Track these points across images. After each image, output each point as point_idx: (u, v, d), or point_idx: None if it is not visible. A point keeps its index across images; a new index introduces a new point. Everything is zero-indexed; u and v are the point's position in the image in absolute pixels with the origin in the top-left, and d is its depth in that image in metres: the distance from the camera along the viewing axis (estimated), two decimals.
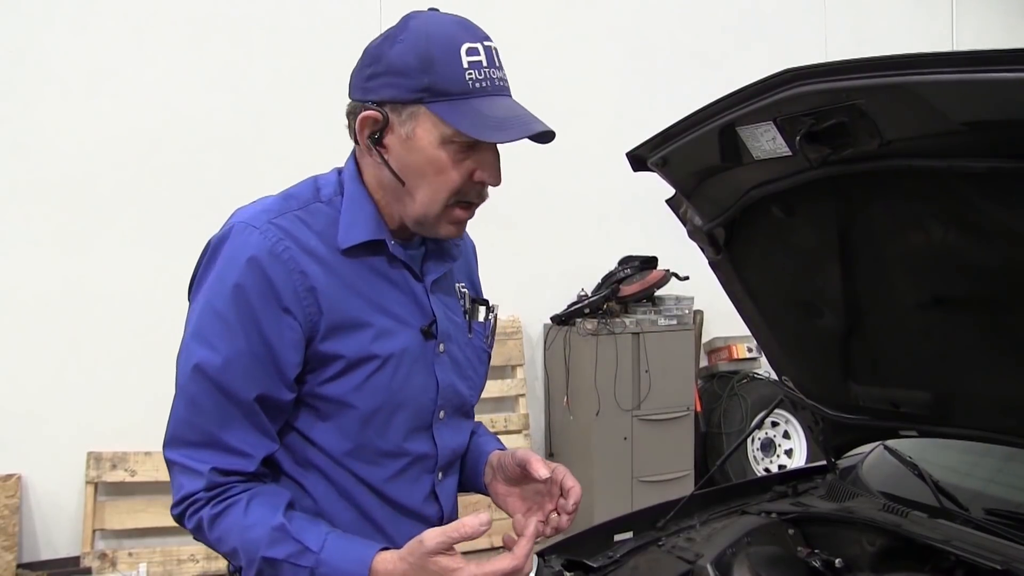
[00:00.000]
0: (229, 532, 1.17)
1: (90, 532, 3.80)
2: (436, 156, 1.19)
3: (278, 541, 1.16)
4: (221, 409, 1.18)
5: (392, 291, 1.29)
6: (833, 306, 1.69)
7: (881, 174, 1.33)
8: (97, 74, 3.89)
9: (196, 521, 1.20)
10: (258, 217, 1.22)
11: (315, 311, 1.20)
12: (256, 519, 1.17)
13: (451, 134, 1.18)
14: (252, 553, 1.16)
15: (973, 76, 1.06)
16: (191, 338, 1.21)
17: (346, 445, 1.26)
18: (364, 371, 1.24)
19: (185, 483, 1.19)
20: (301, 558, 1.15)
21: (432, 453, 1.34)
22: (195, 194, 4.06)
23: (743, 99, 1.36)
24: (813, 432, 2.03)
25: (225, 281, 1.18)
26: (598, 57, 5.01)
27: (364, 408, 1.24)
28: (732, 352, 5.19)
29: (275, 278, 1.18)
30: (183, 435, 1.20)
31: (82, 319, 3.89)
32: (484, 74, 1.18)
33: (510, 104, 1.21)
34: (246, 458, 1.20)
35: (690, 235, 1.79)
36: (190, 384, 1.19)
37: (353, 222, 1.26)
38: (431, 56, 1.16)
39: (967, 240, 1.36)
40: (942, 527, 1.64)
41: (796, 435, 4.95)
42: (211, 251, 1.23)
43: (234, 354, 1.17)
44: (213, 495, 1.18)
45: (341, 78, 1.33)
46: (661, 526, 1.90)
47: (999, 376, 1.53)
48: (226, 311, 1.18)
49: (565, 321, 4.60)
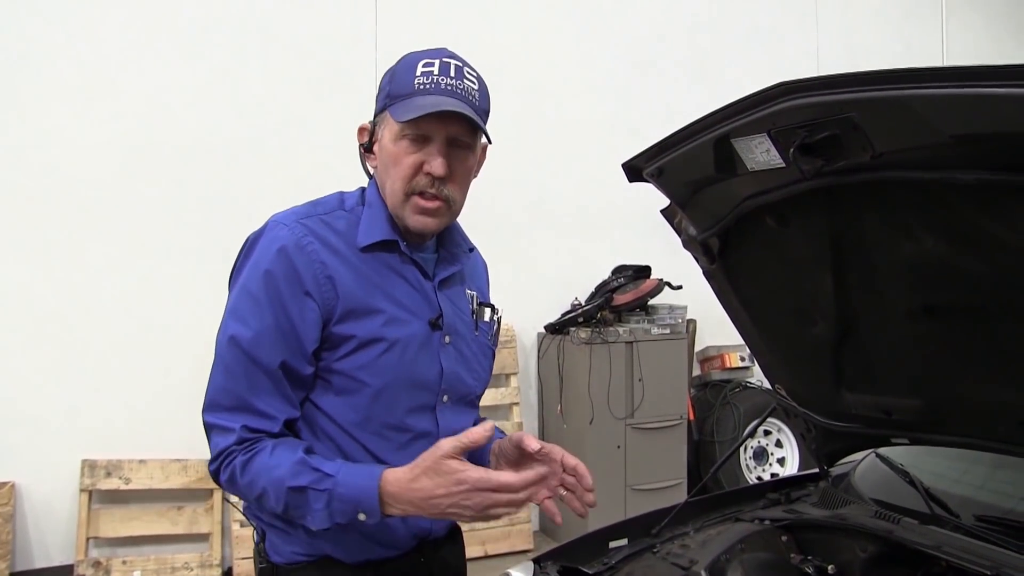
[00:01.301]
0: (258, 474, 1.34)
1: (84, 540, 3.79)
2: (393, 151, 1.42)
3: (300, 472, 1.32)
4: (251, 376, 1.37)
5: (403, 285, 1.47)
6: (826, 315, 1.71)
7: (873, 185, 1.35)
8: (91, 80, 3.90)
9: (230, 471, 1.36)
10: (288, 217, 1.43)
11: (332, 296, 1.39)
12: (280, 459, 1.34)
13: (399, 129, 1.39)
14: (279, 487, 1.33)
15: (964, 91, 1.09)
16: (228, 315, 1.40)
17: (355, 417, 1.42)
18: (374, 351, 1.41)
19: (220, 441, 1.37)
20: (321, 483, 1.32)
21: (433, 431, 1.49)
22: (190, 202, 4.08)
23: (738, 111, 1.38)
24: (806, 440, 2.04)
25: (259, 267, 1.38)
26: (592, 68, 5.04)
27: (373, 384, 1.41)
28: (725, 361, 5.21)
29: (299, 266, 1.37)
30: (219, 400, 1.38)
31: (76, 326, 3.90)
32: (432, 79, 1.39)
33: (442, 98, 1.38)
34: (271, 420, 1.38)
35: (684, 245, 1.81)
36: (226, 354, 1.38)
37: (372, 224, 1.46)
38: (395, 71, 1.43)
39: (957, 250, 1.38)
40: (933, 533, 1.66)
41: (788, 443, 4.97)
42: (249, 245, 1.44)
43: (263, 328, 1.36)
44: (243, 447, 1.36)
45: (336, 86, 1.46)
46: (656, 533, 1.92)
47: (989, 384, 1.56)
48: (258, 292, 1.37)
49: (559, 330, 4.61)
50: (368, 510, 1.31)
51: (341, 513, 1.32)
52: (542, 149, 4.68)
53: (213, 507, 4.00)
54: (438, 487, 1.27)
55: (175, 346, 4.00)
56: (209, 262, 4.00)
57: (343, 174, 1.52)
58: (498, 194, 4.19)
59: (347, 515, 1.32)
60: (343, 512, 1.32)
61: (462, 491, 1.26)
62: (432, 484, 1.28)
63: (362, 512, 1.32)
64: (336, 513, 1.32)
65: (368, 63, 4.18)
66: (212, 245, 3.99)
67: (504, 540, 4.38)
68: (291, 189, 1.55)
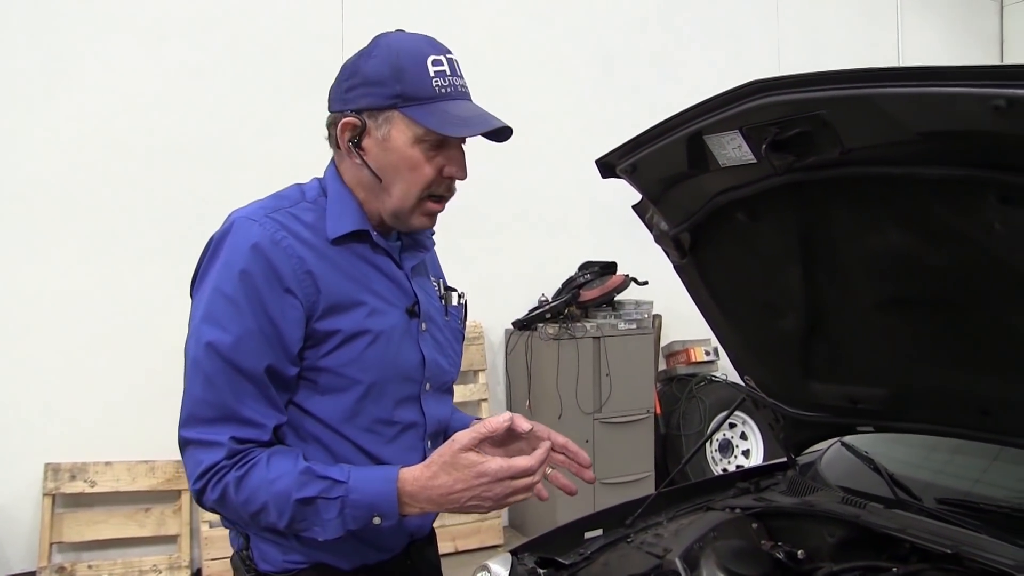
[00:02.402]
0: (257, 489, 1.27)
1: (47, 546, 3.71)
2: (409, 154, 1.35)
3: (307, 483, 1.28)
4: (234, 384, 1.29)
5: (377, 275, 1.43)
6: (794, 307, 1.75)
7: (842, 180, 1.40)
8: (57, 79, 3.83)
9: (221, 489, 1.28)
10: (256, 213, 1.35)
11: (313, 291, 1.33)
12: (280, 471, 1.28)
13: (422, 133, 1.34)
14: (283, 501, 1.27)
15: (930, 90, 1.13)
16: (202, 321, 1.30)
17: (344, 415, 1.37)
18: (359, 345, 1.36)
19: (204, 457, 1.28)
20: (332, 491, 1.28)
21: (421, 421, 1.47)
22: (155, 203, 4.03)
23: (711, 109, 1.42)
24: (774, 429, 2.09)
25: (232, 268, 1.29)
26: (560, 65, 5.07)
27: (361, 379, 1.37)
28: (690, 355, 5.27)
29: (277, 263, 1.30)
30: (200, 414, 1.29)
31: (38, 327, 3.83)
32: (448, 81, 1.35)
33: (471, 106, 1.38)
34: (260, 428, 1.31)
35: (656, 240, 1.84)
36: (204, 363, 1.29)
37: (340, 215, 1.40)
38: (402, 67, 1.34)
39: (921, 243, 1.43)
40: (898, 516, 1.72)
41: (753, 436, 5.05)
42: (214, 245, 1.35)
43: (244, 332, 1.28)
44: (235, 461, 1.28)
45: (303, 85, 1.43)
46: (630, 523, 1.95)
47: (952, 373, 1.61)
48: (234, 294, 1.29)
49: (526, 326, 4.64)
50: (385, 513, 1.29)
51: (355, 520, 1.29)
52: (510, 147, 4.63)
53: (181, 508, 3.96)
54: (457, 482, 1.26)
55: (140, 346, 3.95)
56: (174, 262, 3.95)
57: (313, 172, 1.49)
58: (464, 191, 4.16)
59: (361, 521, 1.29)
60: (357, 519, 1.29)
61: (483, 483, 1.26)
62: (451, 479, 1.26)
63: (378, 516, 1.29)
64: (350, 520, 1.28)
65: (335, 61, 4.14)
66: (177, 245, 3.95)
67: (474, 536, 4.39)
68: (259, 187, 1.52)
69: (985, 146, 1.16)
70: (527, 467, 1.27)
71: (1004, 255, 1.31)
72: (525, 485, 1.28)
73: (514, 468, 1.26)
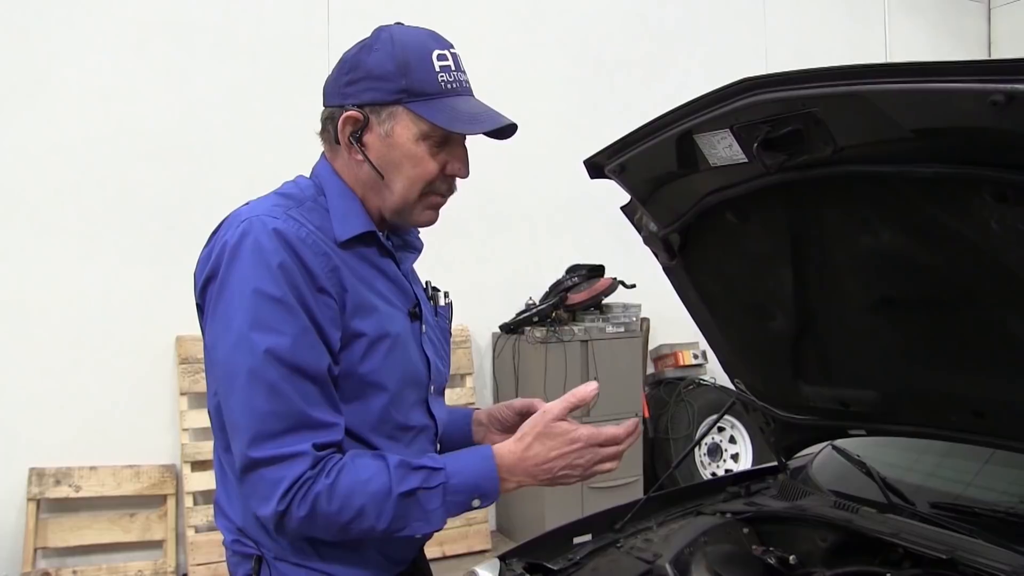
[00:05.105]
0: (351, 494, 1.22)
1: (31, 551, 3.67)
2: (414, 150, 1.32)
3: (405, 476, 1.24)
4: (302, 388, 1.22)
5: (382, 278, 1.38)
6: (785, 309, 1.73)
7: (834, 179, 1.38)
8: (44, 79, 3.80)
9: (311, 503, 1.21)
10: (273, 211, 1.27)
11: (341, 289, 1.27)
12: (371, 470, 1.24)
13: (428, 130, 1.30)
14: (383, 500, 1.23)
15: (923, 86, 1.11)
16: (252, 329, 1.20)
17: (371, 423, 1.32)
18: (383, 348, 1.32)
19: (286, 473, 1.20)
20: (432, 479, 1.26)
21: (431, 424, 1.45)
22: (143, 206, 3.99)
23: (701, 107, 1.39)
24: (764, 433, 2.07)
25: (268, 266, 1.21)
26: (545, 67, 5.06)
27: (387, 385, 1.33)
28: (678, 359, 5.27)
29: (308, 260, 1.23)
30: (270, 428, 1.21)
31: (23, 330, 3.78)
32: (453, 76, 1.32)
33: (477, 102, 1.35)
34: (334, 428, 1.25)
35: (645, 241, 1.82)
36: (265, 372, 1.20)
37: (346, 216, 1.34)
38: (407, 62, 1.29)
39: (914, 243, 1.42)
40: (891, 521, 1.70)
41: (742, 440, 5.04)
42: (231, 250, 1.24)
43: (299, 331, 1.21)
44: (320, 470, 1.22)
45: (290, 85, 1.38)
46: (619, 528, 1.93)
47: (944, 374, 1.59)
48: (280, 294, 1.21)
49: (514, 330, 4.62)
50: (487, 492, 1.29)
51: (456, 505, 1.28)
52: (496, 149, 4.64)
53: (167, 513, 3.92)
54: (551, 450, 1.29)
55: (125, 351, 3.92)
56: (161, 265, 3.94)
57: (299, 170, 1.46)
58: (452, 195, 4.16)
59: (462, 506, 1.29)
60: (458, 504, 1.28)
61: (575, 449, 1.29)
62: (545, 448, 1.29)
63: (478, 497, 1.29)
64: (452, 506, 1.27)
65: (320, 61, 4.13)
66: (165, 249, 3.95)
67: (462, 540, 4.37)
68: (247, 188, 1.49)
69: (981, 143, 1.14)
70: (615, 434, 1.31)
71: (999, 254, 1.29)
72: (612, 453, 1.32)
73: (603, 435, 1.30)
